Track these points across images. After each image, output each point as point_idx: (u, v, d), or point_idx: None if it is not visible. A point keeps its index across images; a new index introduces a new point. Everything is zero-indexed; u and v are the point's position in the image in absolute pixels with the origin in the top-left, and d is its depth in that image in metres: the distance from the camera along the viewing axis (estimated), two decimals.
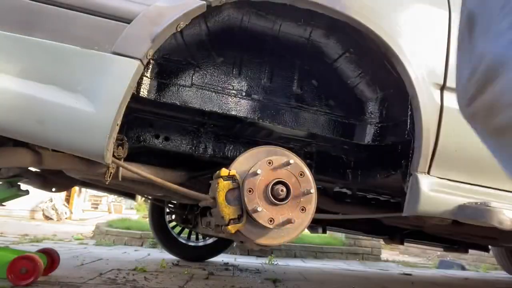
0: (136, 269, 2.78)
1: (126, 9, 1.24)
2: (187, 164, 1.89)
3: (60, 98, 1.16)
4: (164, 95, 1.61)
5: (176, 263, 3.35)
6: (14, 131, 1.17)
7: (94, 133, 1.17)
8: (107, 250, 4.42)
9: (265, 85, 1.73)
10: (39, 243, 4.57)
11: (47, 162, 1.52)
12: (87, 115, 1.16)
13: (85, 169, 1.56)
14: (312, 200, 1.41)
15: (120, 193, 3.16)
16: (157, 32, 1.22)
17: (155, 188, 2.09)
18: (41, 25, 1.19)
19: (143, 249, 4.75)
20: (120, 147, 1.46)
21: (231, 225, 1.34)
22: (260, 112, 1.70)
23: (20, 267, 1.96)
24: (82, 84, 1.17)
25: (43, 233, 5.96)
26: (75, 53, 1.18)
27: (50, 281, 2.11)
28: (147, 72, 1.57)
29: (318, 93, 1.80)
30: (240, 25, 1.59)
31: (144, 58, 1.21)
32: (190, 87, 1.64)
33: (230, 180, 1.36)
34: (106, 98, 1.17)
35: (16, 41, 1.16)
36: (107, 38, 1.20)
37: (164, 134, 1.79)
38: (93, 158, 1.26)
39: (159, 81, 1.60)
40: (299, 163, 1.45)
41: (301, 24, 1.57)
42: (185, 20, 1.27)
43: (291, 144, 1.94)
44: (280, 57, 1.74)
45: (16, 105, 1.15)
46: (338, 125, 1.80)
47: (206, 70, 1.67)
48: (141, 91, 1.56)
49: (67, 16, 1.20)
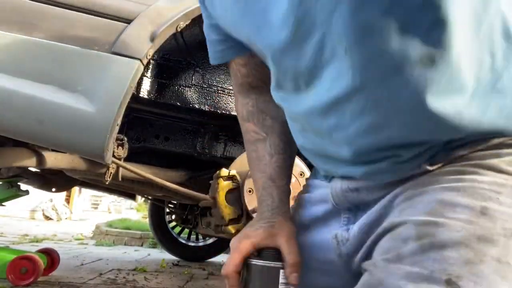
0: (136, 269, 2.78)
1: (126, 9, 1.24)
2: (187, 164, 1.89)
3: (60, 98, 1.16)
4: (164, 95, 1.61)
5: (176, 263, 3.35)
6: (14, 131, 1.17)
7: (94, 133, 1.17)
8: (107, 250, 4.42)
9: None
10: (39, 243, 4.57)
11: (47, 162, 1.52)
12: (87, 115, 1.16)
13: (85, 169, 1.56)
14: None
15: (120, 193, 3.16)
16: (157, 32, 1.22)
17: (155, 188, 2.09)
18: (41, 25, 1.19)
19: (143, 249, 4.74)
20: (120, 147, 1.46)
21: (231, 225, 1.34)
22: None
23: (20, 267, 1.96)
24: (82, 84, 1.17)
25: (43, 233, 5.96)
26: (75, 53, 1.18)
27: (50, 281, 2.11)
28: (147, 72, 1.57)
29: None
30: None
31: (144, 58, 1.21)
32: (190, 87, 1.64)
33: (230, 181, 1.36)
34: (106, 98, 1.17)
35: (16, 41, 1.16)
36: (107, 38, 1.20)
37: (164, 134, 1.79)
38: (93, 158, 1.26)
39: (159, 81, 1.60)
40: (299, 163, 1.46)
41: None
42: (185, 20, 1.27)
43: None
44: None
45: (16, 105, 1.15)
46: None
47: (206, 70, 1.66)
48: (141, 91, 1.56)
49: (67, 16, 1.20)
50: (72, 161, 1.54)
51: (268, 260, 0.56)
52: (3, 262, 1.95)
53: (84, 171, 1.62)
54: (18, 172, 2.00)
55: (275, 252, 0.57)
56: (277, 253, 0.57)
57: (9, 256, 1.98)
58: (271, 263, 0.56)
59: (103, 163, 1.25)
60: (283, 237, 0.59)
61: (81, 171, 1.65)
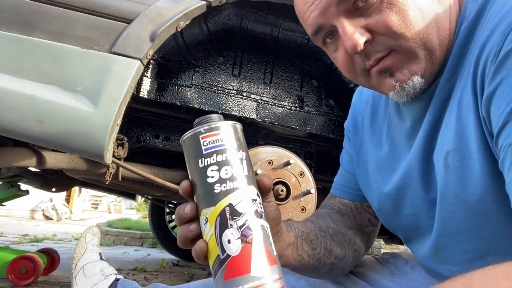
0: (136, 269, 2.78)
1: (126, 9, 1.24)
2: None
3: (60, 98, 1.16)
4: (164, 95, 1.61)
5: (176, 263, 3.35)
6: (14, 131, 1.17)
7: (94, 133, 1.17)
8: (107, 250, 4.42)
9: (265, 85, 1.73)
10: (39, 243, 4.57)
11: (47, 162, 1.52)
12: (87, 115, 1.16)
13: (85, 169, 1.56)
14: (312, 200, 1.41)
15: (120, 193, 3.17)
16: (157, 32, 1.22)
17: (155, 188, 2.09)
18: (41, 25, 1.19)
19: (143, 249, 4.74)
20: (120, 147, 1.46)
21: None
22: (260, 112, 1.71)
23: (20, 267, 1.96)
24: (82, 84, 1.17)
25: (43, 233, 5.96)
26: (75, 53, 1.18)
27: (50, 281, 2.11)
28: (147, 72, 1.57)
29: (318, 93, 1.80)
30: (240, 25, 1.59)
31: (144, 58, 1.21)
32: (190, 87, 1.64)
33: None
34: (106, 98, 1.17)
35: (16, 41, 1.16)
36: (107, 38, 1.20)
37: (164, 134, 1.79)
38: (93, 158, 1.26)
39: (159, 81, 1.60)
40: (299, 163, 1.46)
41: (301, 24, 1.57)
42: (185, 20, 1.27)
43: (291, 144, 1.94)
44: (280, 57, 1.74)
45: (16, 105, 1.15)
46: (338, 125, 1.80)
47: (206, 70, 1.66)
48: (141, 91, 1.56)
49: (67, 16, 1.20)
50: (72, 161, 1.54)
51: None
52: (3, 262, 1.95)
53: (84, 171, 1.62)
54: (18, 172, 2.00)
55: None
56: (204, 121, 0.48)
57: (9, 256, 1.98)
58: (191, 131, 0.48)
59: (103, 163, 1.25)
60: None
61: (81, 171, 1.65)
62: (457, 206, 0.55)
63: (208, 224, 0.46)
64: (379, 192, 0.70)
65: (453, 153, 0.53)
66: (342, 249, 0.73)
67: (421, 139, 0.60)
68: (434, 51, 0.55)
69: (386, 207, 0.70)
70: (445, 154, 0.54)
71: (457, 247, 0.58)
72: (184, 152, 0.50)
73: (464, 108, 0.52)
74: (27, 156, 1.50)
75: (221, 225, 0.45)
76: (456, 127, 0.53)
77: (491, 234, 0.54)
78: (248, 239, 0.44)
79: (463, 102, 0.52)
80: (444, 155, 0.54)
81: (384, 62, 0.56)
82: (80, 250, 1.31)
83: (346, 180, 0.82)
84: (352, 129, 0.81)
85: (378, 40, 0.55)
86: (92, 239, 1.34)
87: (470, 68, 0.52)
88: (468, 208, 0.53)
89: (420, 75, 0.56)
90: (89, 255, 1.29)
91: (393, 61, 0.56)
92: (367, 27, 0.55)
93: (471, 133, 0.51)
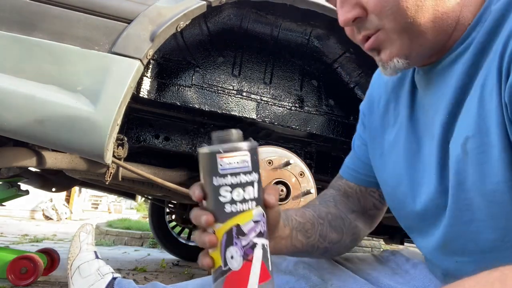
0: (136, 269, 2.78)
1: (126, 9, 1.24)
2: (187, 164, 1.88)
3: (60, 98, 1.15)
4: (164, 95, 1.61)
5: (176, 263, 3.35)
6: (14, 131, 1.17)
7: (94, 133, 1.17)
8: (107, 250, 4.42)
9: (265, 85, 1.73)
10: (39, 243, 4.57)
11: (47, 162, 1.52)
12: (87, 115, 1.16)
13: (85, 169, 1.56)
14: None
15: (120, 193, 3.17)
16: (157, 32, 1.22)
17: (155, 188, 2.09)
18: (41, 25, 1.19)
19: (143, 249, 4.75)
20: (120, 147, 1.46)
21: None
22: (260, 112, 1.71)
23: (20, 267, 1.96)
24: (82, 84, 1.17)
25: (43, 233, 5.96)
26: (75, 53, 1.18)
27: (50, 281, 2.11)
28: (147, 72, 1.57)
29: (318, 93, 1.80)
30: (240, 25, 1.59)
31: (144, 58, 1.21)
32: (190, 87, 1.64)
33: None
34: (106, 98, 1.17)
35: (16, 41, 1.16)
36: (107, 38, 1.20)
37: (164, 134, 1.79)
38: (93, 158, 1.26)
39: (159, 81, 1.60)
40: (299, 163, 1.46)
41: (301, 24, 1.57)
42: (185, 20, 1.27)
43: (291, 144, 1.94)
44: (280, 57, 1.74)
45: (16, 105, 1.15)
46: (338, 125, 1.80)
47: (206, 70, 1.66)
48: (141, 91, 1.56)
49: (67, 16, 1.20)
50: (72, 161, 1.54)
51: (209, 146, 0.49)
52: (3, 262, 1.95)
53: (84, 171, 1.62)
54: (18, 172, 2.00)
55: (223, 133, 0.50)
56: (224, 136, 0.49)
57: (9, 256, 1.98)
58: (208, 147, 0.49)
59: (103, 163, 1.25)
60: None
61: (81, 171, 1.65)
62: (474, 194, 0.53)
63: (215, 235, 0.49)
64: (396, 174, 0.68)
65: (473, 139, 0.52)
66: (338, 234, 0.73)
67: (441, 120, 0.58)
68: (424, 35, 0.55)
69: (401, 191, 0.67)
70: (464, 139, 0.53)
71: (469, 237, 0.57)
72: (199, 161, 0.51)
73: (487, 93, 0.51)
74: (27, 156, 1.50)
75: (227, 241, 0.48)
76: (477, 112, 0.52)
77: (505, 225, 0.52)
78: (249, 258, 0.48)
79: (487, 87, 0.51)
80: (463, 141, 0.53)
81: (370, 41, 0.58)
82: (75, 250, 1.31)
83: (356, 164, 0.81)
84: (367, 111, 0.79)
85: (370, 18, 0.57)
86: (86, 238, 1.33)
87: (497, 51, 0.50)
88: (484, 196, 0.52)
89: (404, 57, 0.57)
90: (84, 254, 1.29)
91: (378, 41, 0.58)
92: (360, 3, 0.56)
93: (493, 119, 0.50)
